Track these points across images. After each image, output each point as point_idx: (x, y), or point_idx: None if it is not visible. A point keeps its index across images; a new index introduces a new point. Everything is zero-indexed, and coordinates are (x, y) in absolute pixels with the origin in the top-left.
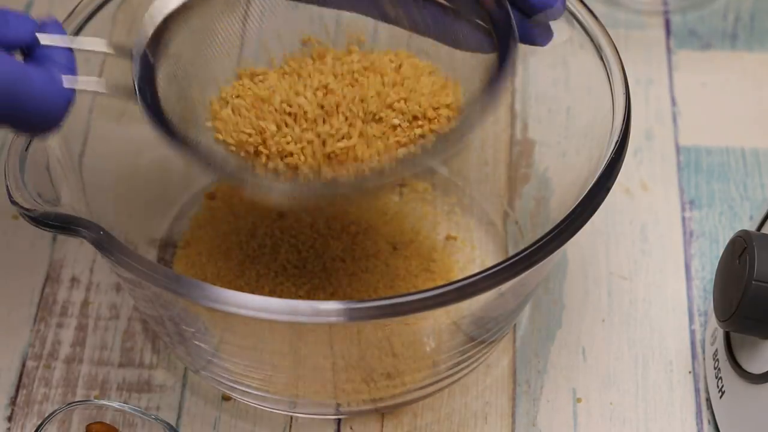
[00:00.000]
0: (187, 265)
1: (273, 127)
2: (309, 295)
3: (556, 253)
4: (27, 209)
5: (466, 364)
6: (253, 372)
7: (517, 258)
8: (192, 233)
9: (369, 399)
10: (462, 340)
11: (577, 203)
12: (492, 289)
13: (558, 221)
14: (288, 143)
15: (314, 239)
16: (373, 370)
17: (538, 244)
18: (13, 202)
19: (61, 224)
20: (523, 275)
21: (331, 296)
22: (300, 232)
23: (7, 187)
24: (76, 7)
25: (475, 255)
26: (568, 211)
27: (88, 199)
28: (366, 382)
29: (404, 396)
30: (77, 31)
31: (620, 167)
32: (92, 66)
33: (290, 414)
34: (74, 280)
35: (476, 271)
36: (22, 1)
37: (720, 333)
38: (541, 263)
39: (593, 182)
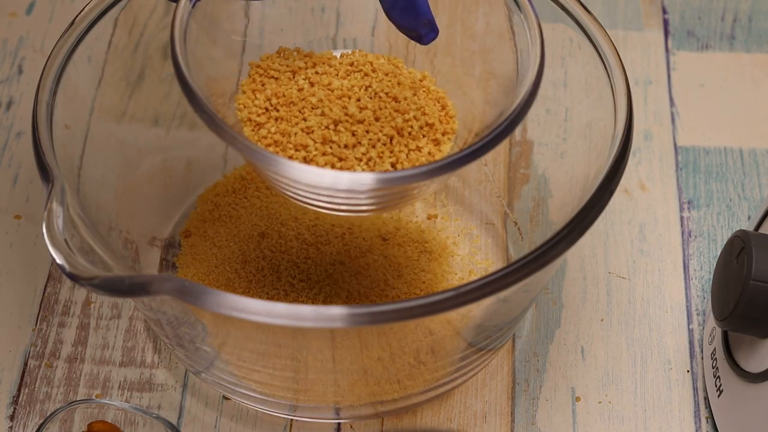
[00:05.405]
0: None
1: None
2: (327, 303)
3: (561, 257)
4: (89, 279)
5: (467, 369)
6: (253, 376)
7: (525, 261)
8: (182, 274)
9: (369, 403)
10: (463, 347)
11: (582, 206)
12: (497, 293)
13: (557, 222)
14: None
15: (306, 249)
16: (374, 377)
17: (545, 247)
18: (71, 276)
19: (138, 289)
20: (530, 278)
21: (346, 300)
22: (289, 246)
23: (53, 259)
24: (80, 13)
25: (476, 257)
26: (568, 212)
27: (88, 198)
28: (367, 388)
29: (404, 401)
30: (81, 37)
31: (624, 169)
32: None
33: (290, 417)
34: None
35: (477, 264)
36: (24, 1)
37: (718, 332)
38: (548, 266)
39: (597, 185)
